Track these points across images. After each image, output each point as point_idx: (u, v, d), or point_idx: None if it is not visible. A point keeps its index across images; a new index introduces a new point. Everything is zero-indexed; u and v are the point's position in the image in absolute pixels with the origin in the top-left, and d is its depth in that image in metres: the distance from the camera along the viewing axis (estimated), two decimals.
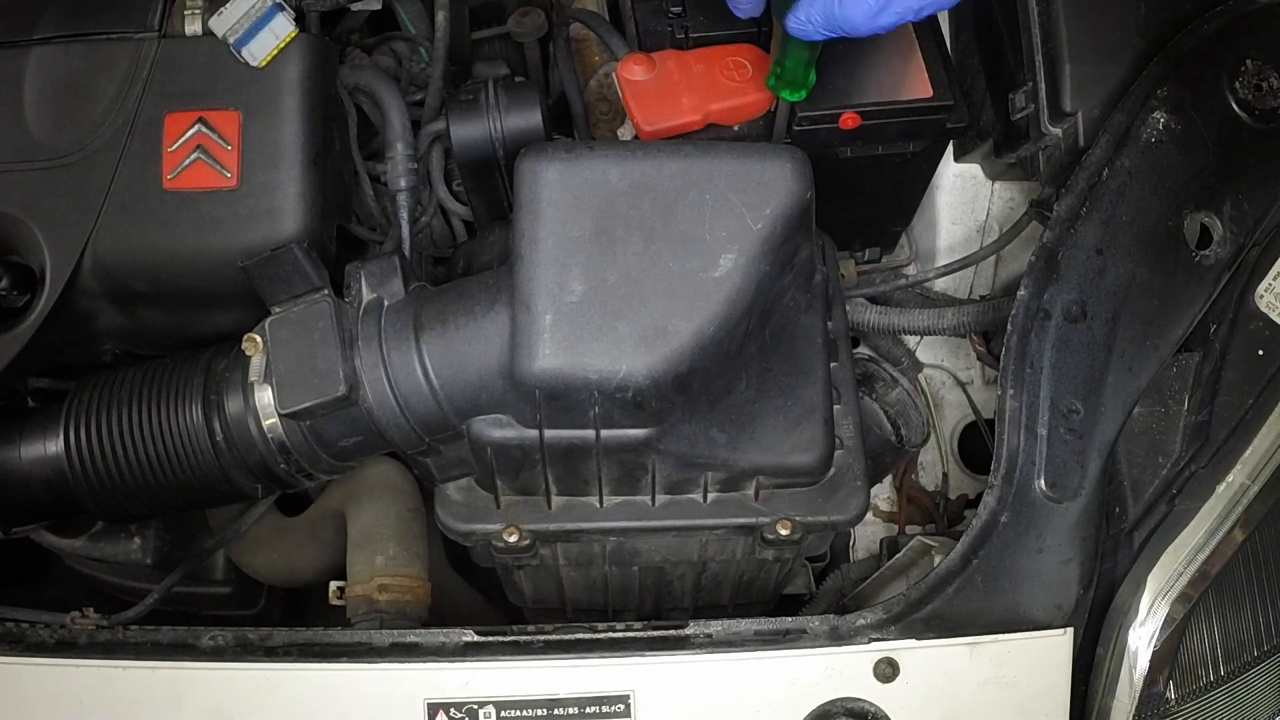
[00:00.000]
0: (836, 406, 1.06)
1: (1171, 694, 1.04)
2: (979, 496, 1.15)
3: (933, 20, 1.20)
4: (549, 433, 0.96)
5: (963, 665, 1.03)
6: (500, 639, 1.03)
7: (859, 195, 1.29)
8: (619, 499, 1.04)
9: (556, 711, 1.01)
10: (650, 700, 1.01)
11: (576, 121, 1.29)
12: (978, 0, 1.32)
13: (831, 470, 1.05)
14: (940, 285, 1.46)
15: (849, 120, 1.14)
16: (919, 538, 1.22)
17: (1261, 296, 1.11)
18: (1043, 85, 1.19)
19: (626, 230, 0.92)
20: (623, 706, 1.01)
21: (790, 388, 1.03)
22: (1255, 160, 1.14)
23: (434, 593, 1.23)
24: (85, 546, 1.19)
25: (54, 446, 1.04)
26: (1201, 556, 1.05)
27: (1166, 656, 1.03)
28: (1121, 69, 1.17)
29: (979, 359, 1.48)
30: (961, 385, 1.51)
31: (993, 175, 1.40)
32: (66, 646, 1.02)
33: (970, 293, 1.47)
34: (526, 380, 0.91)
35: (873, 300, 1.41)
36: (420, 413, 0.98)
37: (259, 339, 0.99)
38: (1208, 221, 1.13)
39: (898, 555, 1.25)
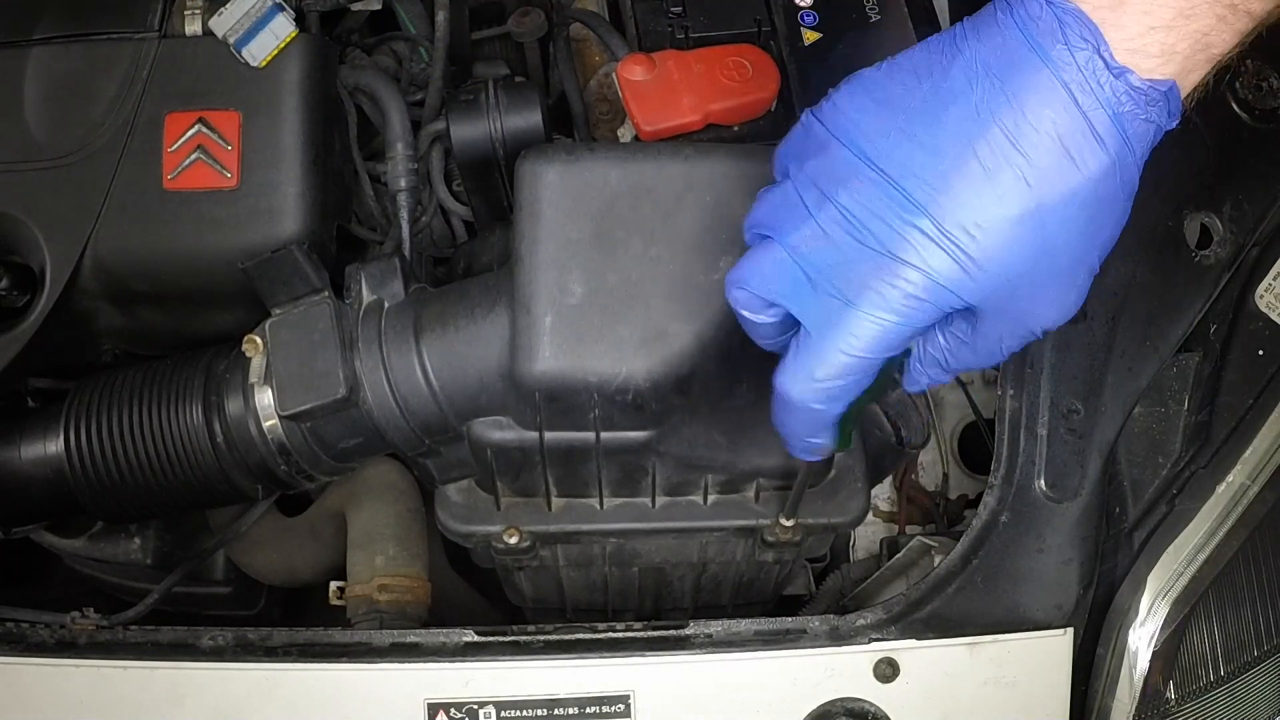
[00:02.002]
0: None
1: (1171, 694, 1.04)
2: (979, 496, 1.14)
3: (933, 21, 1.20)
4: (549, 435, 0.96)
5: (963, 665, 1.03)
6: (500, 639, 1.03)
7: None
8: (619, 501, 1.04)
9: (556, 711, 1.01)
10: (650, 700, 1.01)
11: (576, 122, 1.28)
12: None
13: (832, 472, 1.05)
14: None
15: None
16: (919, 538, 1.22)
17: (1261, 296, 1.11)
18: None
19: (627, 232, 0.92)
20: (623, 706, 1.01)
21: None
22: (1255, 160, 1.13)
23: (434, 593, 1.23)
24: (85, 546, 1.19)
25: (54, 446, 1.04)
26: (1201, 556, 1.05)
27: (1166, 656, 1.03)
28: None
29: None
30: (962, 385, 1.50)
31: None
32: (66, 646, 1.02)
33: None
34: (526, 382, 0.91)
35: None
36: (420, 414, 0.98)
37: (259, 340, 0.99)
38: (1208, 221, 1.13)
39: (898, 555, 1.25)
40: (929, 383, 0.81)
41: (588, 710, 1.01)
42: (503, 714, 1.00)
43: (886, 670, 1.02)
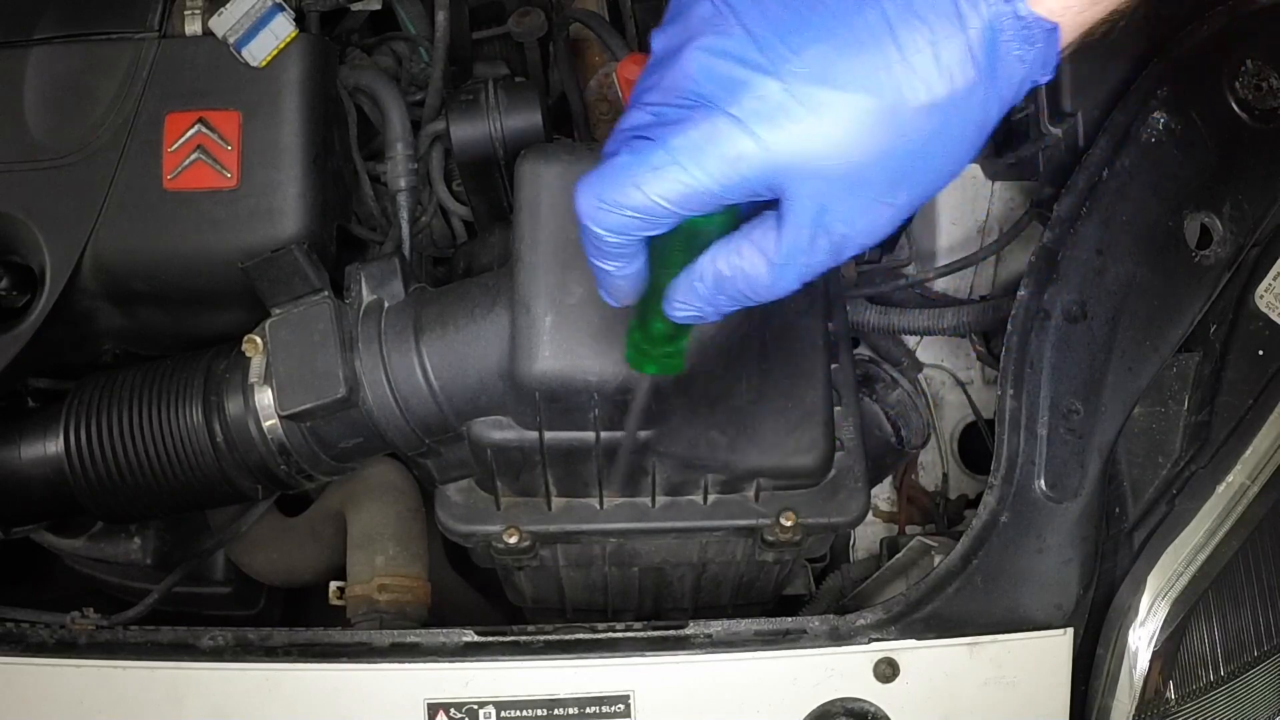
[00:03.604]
0: (837, 408, 1.06)
1: (1171, 694, 1.04)
2: (979, 496, 1.14)
3: None
4: (549, 434, 0.96)
5: (963, 665, 1.03)
6: (500, 639, 1.03)
7: None
8: (619, 500, 1.04)
9: (556, 711, 1.01)
10: (650, 700, 1.01)
11: (576, 121, 1.28)
12: None
13: (832, 472, 1.05)
14: (940, 285, 1.46)
15: None
16: (919, 538, 1.22)
17: (1261, 296, 1.11)
18: (1043, 85, 1.19)
19: None
20: (623, 706, 1.01)
21: (790, 389, 1.02)
22: (1255, 160, 1.13)
23: (434, 593, 1.23)
24: (85, 546, 1.19)
25: (54, 446, 1.04)
26: (1201, 556, 1.05)
27: (1166, 656, 1.03)
28: (1121, 69, 1.16)
29: (979, 359, 1.48)
30: (961, 385, 1.50)
31: (993, 175, 1.40)
32: (66, 646, 1.02)
33: (970, 293, 1.47)
34: (526, 382, 0.91)
35: (872, 300, 1.41)
36: (420, 414, 0.98)
37: (259, 340, 0.99)
38: (1208, 221, 1.13)
39: (898, 555, 1.25)
40: (701, 299, 0.74)
41: (588, 710, 1.01)
42: (503, 714, 1.00)
43: (886, 670, 1.02)
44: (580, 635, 1.04)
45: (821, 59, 0.66)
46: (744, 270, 0.72)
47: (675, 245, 0.73)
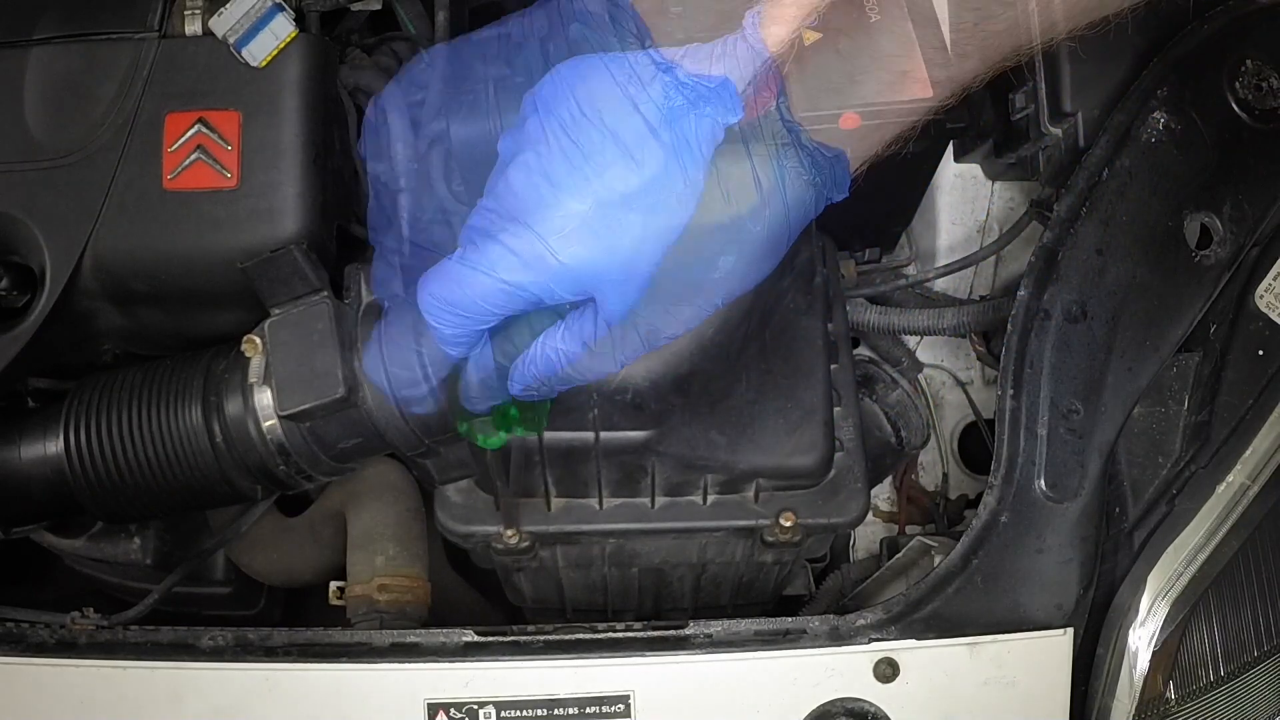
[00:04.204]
0: (836, 408, 1.06)
1: (1171, 694, 1.04)
2: (979, 496, 1.15)
3: (933, 21, 1.19)
4: (548, 434, 0.96)
5: (963, 665, 1.03)
6: (500, 639, 1.03)
7: (859, 195, 1.29)
8: (618, 501, 1.04)
9: (556, 711, 1.01)
10: (650, 700, 1.01)
11: None
12: None
13: (832, 472, 1.05)
14: (940, 285, 1.46)
15: (849, 120, 1.13)
16: (919, 538, 1.22)
17: (1261, 296, 1.11)
18: (1043, 85, 1.19)
19: None
20: (623, 706, 1.01)
21: (790, 390, 1.03)
22: (1255, 160, 1.13)
23: (434, 593, 1.23)
24: (85, 546, 1.19)
25: (54, 447, 1.04)
26: (1201, 556, 1.05)
27: (1166, 656, 1.03)
28: (1121, 69, 1.16)
29: (979, 359, 1.48)
30: (961, 385, 1.51)
31: (993, 175, 1.40)
32: (66, 646, 1.02)
33: (970, 293, 1.47)
34: None
35: (873, 300, 1.41)
36: (420, 414, 0.97)
37: (258, 340, 0.99)
38: (1208, 221, 1.13)
39: (898, 555, 1.25)
40: (535, 379, 0.82)
41: (588, 710, 1.01)
42: (503, 714, 1.00)
43: (886, 670, 1.02)
44: (580, 635, 1.04)
45: (620, 181, 0.72)
46: (567, 356, 0.79)
47: (515, 329, 0.82)
